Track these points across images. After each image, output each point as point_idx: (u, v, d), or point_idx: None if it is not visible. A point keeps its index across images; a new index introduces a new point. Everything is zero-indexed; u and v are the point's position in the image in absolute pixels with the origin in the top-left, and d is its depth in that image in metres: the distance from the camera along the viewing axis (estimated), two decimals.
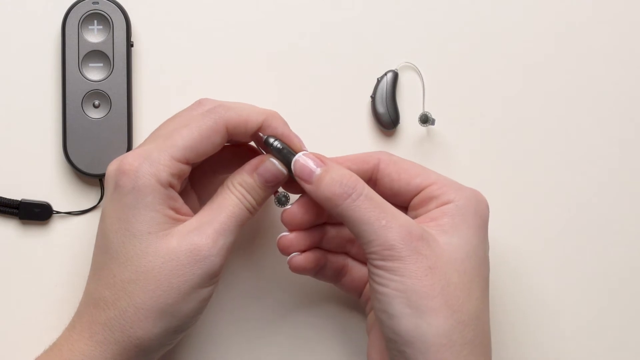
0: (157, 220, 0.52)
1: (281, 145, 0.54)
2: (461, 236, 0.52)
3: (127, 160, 0.52)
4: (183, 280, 0.51)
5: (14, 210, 0.61)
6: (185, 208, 0.54)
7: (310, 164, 0.53)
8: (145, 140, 0.55)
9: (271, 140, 0.54)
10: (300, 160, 0.54)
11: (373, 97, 0.62)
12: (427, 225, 0.53)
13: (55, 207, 0.61)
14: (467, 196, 0.54)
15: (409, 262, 0.50)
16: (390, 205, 0.52)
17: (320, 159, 0.54)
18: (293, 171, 0.54)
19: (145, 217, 0.51)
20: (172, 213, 0.53)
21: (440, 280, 0.50)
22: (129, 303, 0.51)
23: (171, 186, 0.53)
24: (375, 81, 0.62)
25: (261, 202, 0.55)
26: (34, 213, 0.61)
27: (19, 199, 0.61)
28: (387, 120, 0.62)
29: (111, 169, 0.53)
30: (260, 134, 0.54)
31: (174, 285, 0.51)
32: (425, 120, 0.61)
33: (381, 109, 0.62)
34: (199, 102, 0.56)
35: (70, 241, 0.61)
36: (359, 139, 0.62)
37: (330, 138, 0.62)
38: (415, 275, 0.50)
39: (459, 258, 0.52)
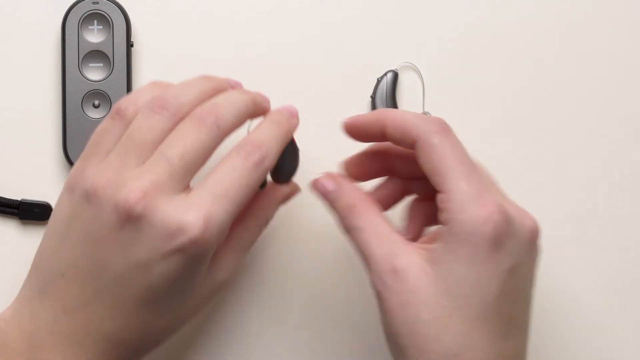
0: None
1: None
2: (443, 268, 0.47)
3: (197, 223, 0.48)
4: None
5: (14, 210, 0.61)
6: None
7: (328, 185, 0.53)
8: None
9: None
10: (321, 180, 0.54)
11: (373, 97, 0.62)
12: (424, 248, 0.49)
13: None
14: (471, 220, 0.47)
15: (382, 299, 0.48)
16: (381, 231, 0.50)
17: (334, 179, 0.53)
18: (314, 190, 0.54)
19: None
20: None
21: (409, 317, 0.47)
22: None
23: None
24: (375, 81, 0.62)
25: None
26: (34, 213, 0.61)
27: (19, 199, 0.61)
28: None
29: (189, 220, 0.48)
30: None
31: None
32: None
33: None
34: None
35: None
36: None
37: (330, 138, 0.62)
38: (388, 312, 0.48)
39: (436, 291, 0.47)
